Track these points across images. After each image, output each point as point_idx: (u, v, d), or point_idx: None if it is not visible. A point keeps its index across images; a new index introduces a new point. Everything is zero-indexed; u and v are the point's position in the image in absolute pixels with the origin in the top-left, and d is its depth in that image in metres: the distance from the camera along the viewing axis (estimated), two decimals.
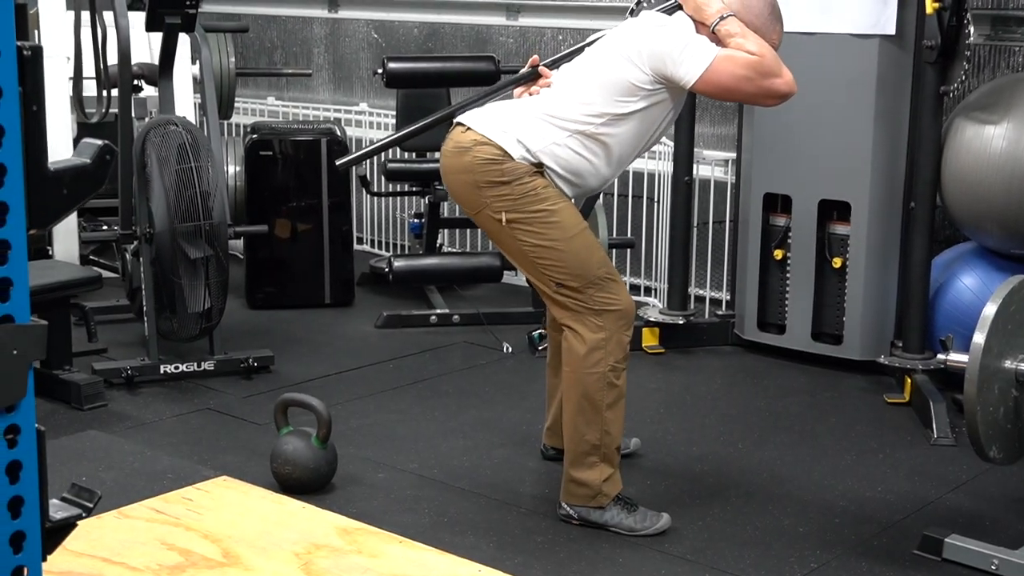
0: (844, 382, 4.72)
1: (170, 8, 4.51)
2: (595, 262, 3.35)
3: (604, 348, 3.32)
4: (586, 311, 3.33)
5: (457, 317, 5.43)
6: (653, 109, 3.33)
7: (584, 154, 3.33)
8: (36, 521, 1.75)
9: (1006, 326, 3.07)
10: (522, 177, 3.29)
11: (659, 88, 3.30)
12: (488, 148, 3.30)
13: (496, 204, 3.31)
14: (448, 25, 6.66)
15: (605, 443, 3.37)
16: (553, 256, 3.32)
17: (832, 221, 4.79)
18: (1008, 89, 4.50)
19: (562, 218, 3.32)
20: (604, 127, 3.31)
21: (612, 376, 3.34)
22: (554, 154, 3.31)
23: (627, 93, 3.29)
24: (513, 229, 3.32)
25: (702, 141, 5.54)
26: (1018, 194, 4.34)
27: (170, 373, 4.58)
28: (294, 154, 5.65)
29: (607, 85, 3.31)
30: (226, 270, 4.53)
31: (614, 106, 3.30)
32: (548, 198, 3.31)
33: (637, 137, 3.37)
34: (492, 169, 3.29)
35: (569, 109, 3.32)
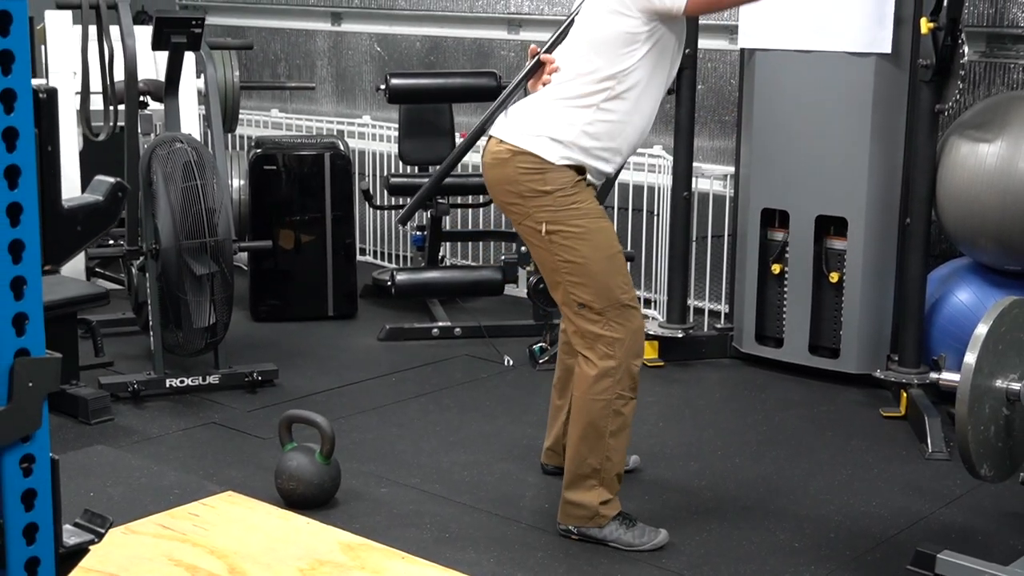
0: (841, 395, 4.77)
1: (176, 28, 4.58)
2: (620, 285, 3.39)
3: (613, 376, 3.38)
4: (600, 337, 3.37)
5: (459, 330, 5.49)
6: (658, 47, 3.34)
7: (615, 119, 3.37)
8: (50, 547, 1.82)
9: (997, 346, 3.12)
10: (564, 188, 3.35)
11: (655, 26, 3.31)
12: (527, 158, 3.36)
13: (538, 214, 3.38)
14: (450, 39, 6.73)
15: (606, 468, 3.42)
16: (582, 273, 3.37)
17: (829, 236, 4.85)
18: (1002, 107, 4.56)
19: (598, 238, 3.38)
20: (621, 85, 3.34)
21: (619, 404, 3.40)
22: (589, 134, 3.36)
23: (627, 43, 3.31)
24: (551, 241, 3.38)
25: (701, 155, 5.60)
26: (1012, 210, 4.40)
27: (176, 387, 4.64)
28: (298, 168, 5.71)
29: (606, 45, 3.33)
30: (231, 286, 4.59)
31: (621, 61, 3.32)
32: (588, 214, 3.37)
33: (656, 78, 3.39)
34: (535, 178, 3.36)
35: (582, 85, 3.36)
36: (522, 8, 6.41)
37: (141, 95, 5.04)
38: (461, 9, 6.65)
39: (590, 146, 3.37)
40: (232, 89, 6.08)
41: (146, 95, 5.17)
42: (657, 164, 5.54)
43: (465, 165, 6.30)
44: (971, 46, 4.75)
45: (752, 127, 4.96)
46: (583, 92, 3.36)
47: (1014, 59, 4.93)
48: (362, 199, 6.04)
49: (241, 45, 6.14)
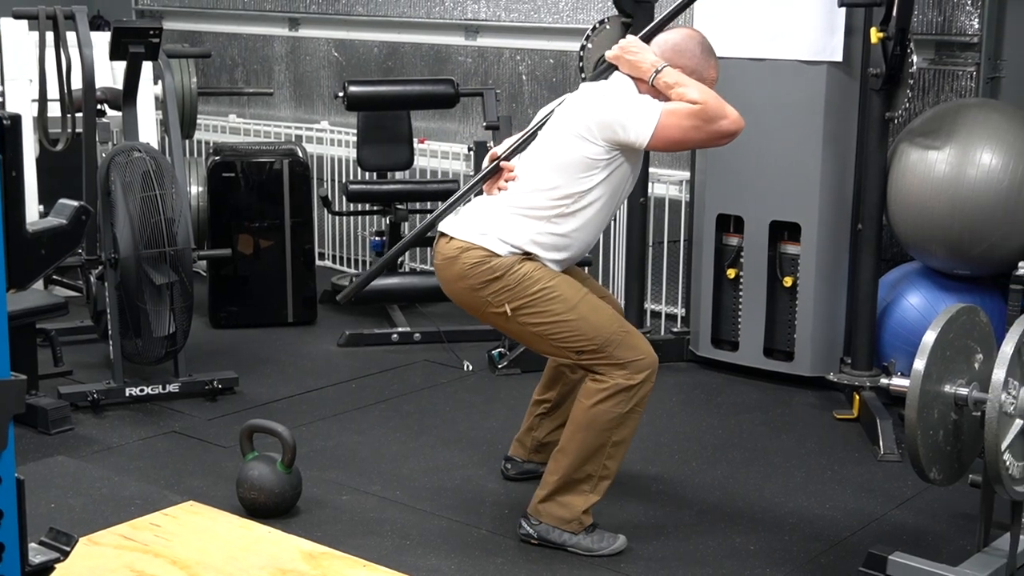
0: (795, 398, 4.85)
1: (134, 37, 4.58)
2: (605, 321, 3.44)
3: (629, 391, 3.41)
4: (613, 367, 3.41)
5: (418, 335, 5.52)
6: (616, 172, 3.43)
7: (565, 232, 3.45)
8: (16, 567, 1.84)
9: (945, 352, 3.19)
10: (512, 267, 3.40)
11: (615, 155, 3.40)
12: (474, 252, 3.42)
13: (496, 299, 3.43)
14: (408, 45, 6.76)
15: (602, 476, 3.48)
16: (564, 329, 3.42)
17: (783, 241, 4.92)
18: (951, 115, 4.65)
19: (562, 291, 3.43)
20: (575, 204, 3.42)
21: (627, 417, 3.43)
22: (537, 243, 3.44)
23: (588, 168, 3.39)
24: (519, 317, 3.43)
25: (657, 160, 5.65)
26: (961, 216, 4.49)
27: (135, 396, 4.64)
28: (257, 175, 5.72)
29: (567, 166, 3.40)
30: (191, 295, 4.61)
31: (579, 183, 3.40)
32: (542, 278, 3.42)
33: (610, 199, 3.47)
34: (483, 270, 3.41)
35: (538, 198, 3.43)
36: (479, 14, 6.45)
37: (99, 103, 5.04)
38: (419, 15, 6.68)
39: (537, 252, 3.45)
40: (190, 96, 6.08)
41: (103, 103, 5.17)
42: None
43: (423, 171, 6.35)
44: (920, 54, 4.84)
45: None
46: (537, 205, 3.43)
47: (962, 66, 5.03)
48: (321, 205, 6.06)
49: (199, 53, 6.14)
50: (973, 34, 4.97)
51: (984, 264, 4.58)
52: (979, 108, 4.71)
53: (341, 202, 6.24)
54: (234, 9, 7.47)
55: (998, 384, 3.10)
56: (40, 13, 4.74)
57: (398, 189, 5.89)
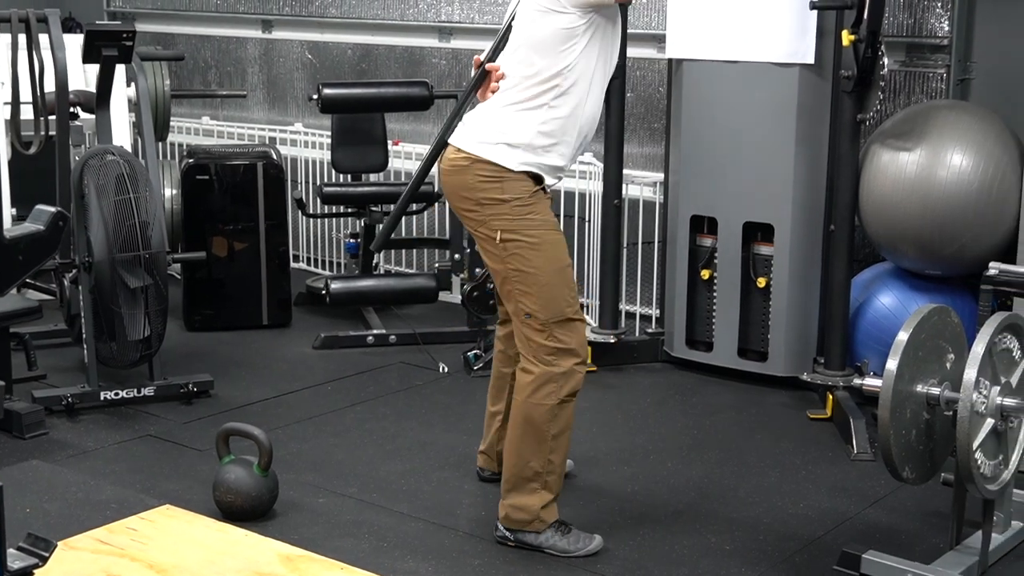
0: (769, 398, 4.88)
1: (107, 40, 4.57)
2: (566, 300, 3.47)
3: (557, 382, 3.45)
4: (543, 347, 3.44)
5: (394, 337, 5.53)
6: (596, 37, 3.41)
7: (566, 113, 3.43)
8: None
9: (917, 353, 3.23)
10: (522, 197, 3.43)
11: (591, 18, 3.37)
12: (486, 166, 3.44)
13: (494, 222, 3.45)
14: (381, 47, 6.76)
15: (548, 471, 3.49)
16: (531, 283, 3.44)
17: (756, 242, 4.95)
18: (922, 116, 4.69)
19: (550, 251, 3.46)
20: (566, 81, 3.40)
21: (560, 408, 3.47)
22: (544, 133, 3.43)
23: (566, 39, 3.38)
24: (505, 249, 3.46)
25: (631, 162, 5.68)
26: (931, 216, 4.53)
27: (110, 400, 4.63)
28: (231, 178, 5.70)
29: (545, 44, 3.40)
30: (166, 298, 4.60)
31: (562, 58, 3.38)
32: (543, 225, 3.46)
33: (600, 67, 3.46)
34: (493, 187, 3.44)
35: (529, 88, 3.43)
36: (453, 16, 6.46)
37: (72, 106, 5.03)
38: (392, 17, 6.67)
39: (546, 143, 3.44)
40: (163, 98, 6.07)
41: (76, 106, 5.16)
42: (588, 171, 5.62)
43: (397, 173, 6.35)
44: (891, 56, 4.87)
45: (680, 135, 5.05)
46: (531, 95, 3.43)
47: (933, 68, 5.07)
48: (295, 207, 6.05)
49: (172, 56, 6.12)
50: (943, 36, 5.01)
51: (955, 264, 4.63)
52: (950, 109, 4.75)
53: (315, 204, 6.23)
54: (207, 11, 7.45)
55: (969, 384, 3.14)
56: (12, 16, 4.73)
57: (373, 191, 5.89)
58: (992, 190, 4.50)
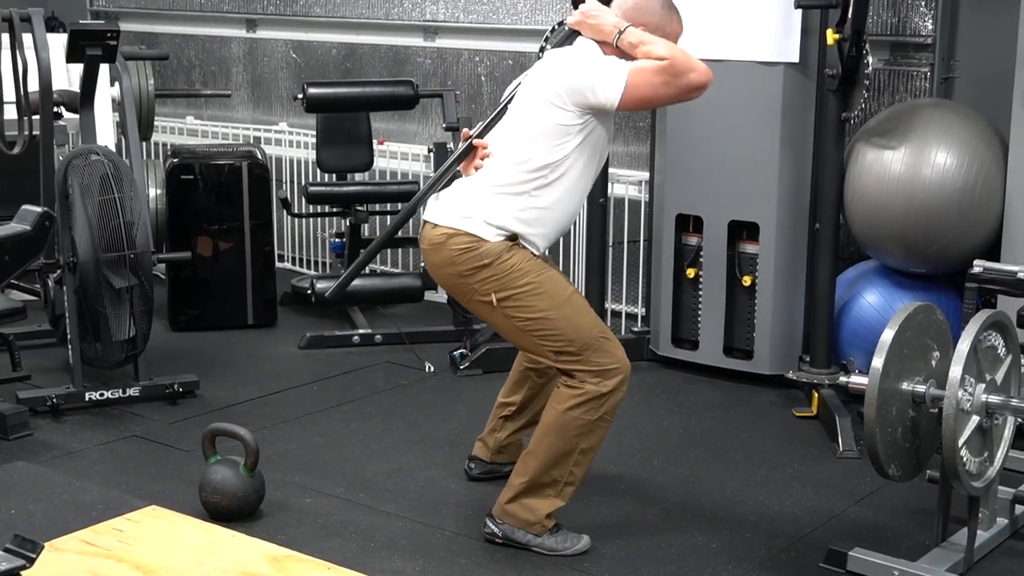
0: (755, 396, 4.89)
1: (91, 40, 4.55)
2: (588, 324, 3.44)
3: (600, 401, 3.42)
4: (587, 372, 3.42)
5: (379, 337, 5.52)
6: (590, 138, 3.42)
7: (548, 204, 3.44)
8: None
9: (903, 350, 3.24)
10: (501, 255, 3.40)
11: (588, 119, 3.39)
12: (461, 238, 3.42)
13: (483, 288, 3.42)
14: (366, 46, 6.75)
15: (568, 482, 3.49)
16: (547, 326, 3.42)
17: (742, 241, 4.96)
18: (906, 115, 4.71)
19: (548, 288, 3.43)
20: (553, 174, 3.41)
21: (597, 425, 3.45)
22: (521, 219, 3.43)
23: (561, 135, 3.38)
24: (504, 308, 3.43)
25: (616, 161, 5.68)
26: (916, 215, 4.54)
27: (95, 400, 4.62)
28: (216, 177, 5.69)
29: (540, 136, 3.39)
30: (151, 298, 4.58)
31: (554, 152, 3.39)
32: (531, 271, 3.42)
33: (587, 166, 3.46)
34: (471, 256, 3.41)
35: (515, 173, 3.42)
36: (438, 16, 6.46)
37: (55, 106, 5.01)
38: (377, 16, 6.67)
39: (522, 231, 3.44)
40: (147, 98, 6.05)
41: (60, 106, 5.14)
42: None
43: (383, 172, 6.34)
44: (875, 55, 4.87)
45: (666, 134, 5.05)
46: (516, 180, 3.42)
47: (917, 67, 5.08)
48: (280, 207, 6.04)
49: (156, 56, 6.10)
50: (927, 35, 5.03)
51: (940, 263, 4.64)
52: (934, 108, 4.77)
53: (301, 204, 6.23)
54: (191, 10, 7.43)
55: (955, 381, 3.15)
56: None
57: (358, 191, 5.88)
58: (976, 188, 4.52)
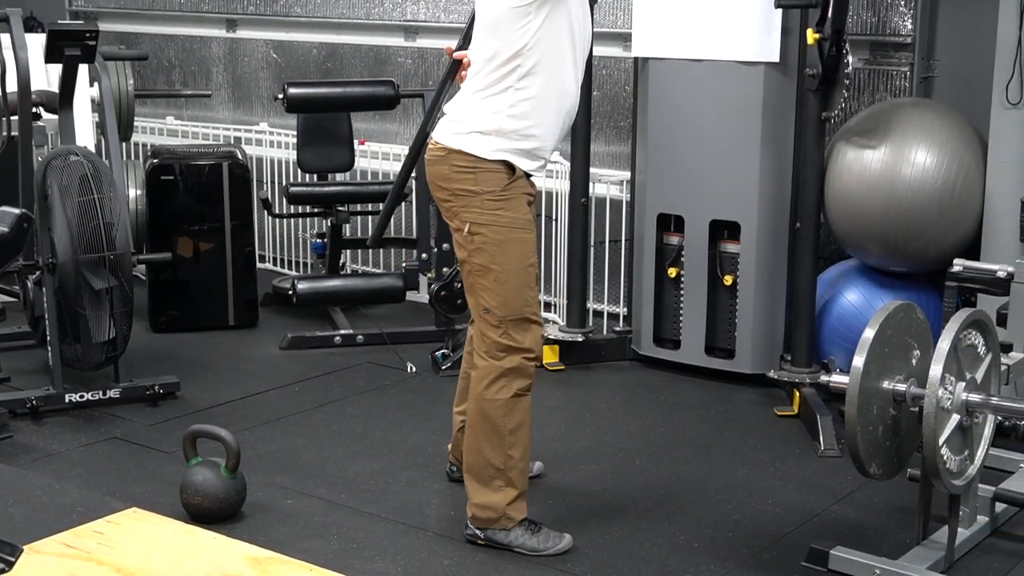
0: (737, 395, 4.90)
1: (70, 40, 4.53)
2: (525, 300, 3.48)
3: (507, 376, 3.46)
4: (496, 344, 3.46)
5: (361, 337, 5.51)
6: (553, 15, 3.36)
7: (534, 94, 3.40)
8: None
9: (883, 349, 3.25)
10: (494, 191, 3.42)
11: None
12: (461, 156, 3.44)
13: (464, 214, 3.46)
14: (347, 46, 6.74)
15: (509, 467, 3.49)
16: (491, 280, 3.46)
17: (723, 240, 4.97)
18: (885, 115, 4.73)
19: (515, 248, 3.45)
20: (528, 60, 3.38)
21: (515, 402, 3.48)
22: (513, 116, 3.40)
23: (520, 18, 3.35)
24: (471, 242, 3.47)
25: (597, 160, 5.68)
26: (896, 214, 4.56)
27: (75, 402, 4.59)
28: (196, 178, 5.67)
29: (499, 26, 3.39)
30: (131, 299, 4.56)
31: (519, 37, 3.36)
32: (512, 223, 3.44)
33: (564, 45, 3.41)
34: (467, 177, 3.44)
35: (491, 73, 3.42)
36: (418, 15, 6.45)
37: (34, 107, 4.99)
38: (358, 16, 6.65)
39: (518, 127, 3.42)
40: (127, 98, 6.01)
41: (39, 107, 5.11)
42: (555, 170, 5.62)
43: (364, 172, 6.33)
44: (855, 54, 4.91)
45: (647, 134, 5.06)
46: (495, 78, 3.42)
47: (896, 66, 5.10)
48: (261, 207, 6.02)
49: (136, 56, 6.08)
50: (907, 35, 5.05)
51: (920, 261, 4.66)
52: (913, 107, 4.79)
53: (282, 204, 6.21)
54: (171, 10, 7.40)
55: (935, 380, 3.16)
56: None
57: (339, 191, 5.87)
58: (956, 187, 4.54)
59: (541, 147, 3.49)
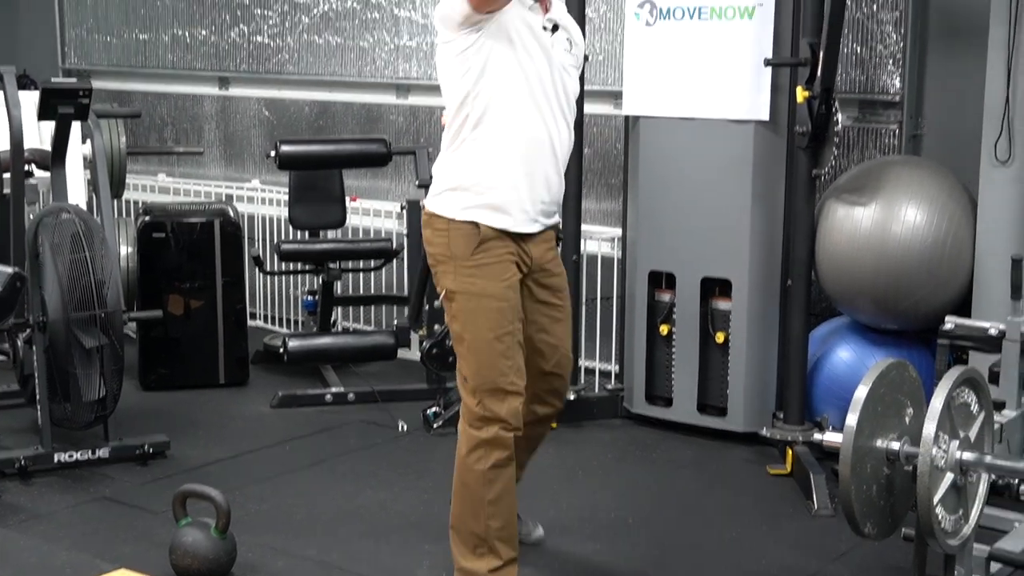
0: (729, 454, 4.88)
1: (63, 98, 4.54)
2: (500, 370, 3.39)
3: (483, 448, 3.41)
4: (472, 413, 3.42)
5: (352, 395, 5.49)
6: (496, 56, 3.32)
7: (490, 141, 3.36)
8: None
9: (876, 408, 3.24)
10: (466, 256, 3.38)
11: (473, 36, 3.30)
12: (437, 220, 3.45)
13: (443, 279, 3.46)
14: (339, 104, 6.77)
15: (491, 536, 3.44)
16: (465, 348, 3.43)
17: (714, 297, 4.97)
18: (876, 172, 4.75)
19: (489, 317, 3.39)
20: (475, 109, 3.35)
21: (494, 474, 3.42)
22: (473, 169, 3.38)
23: (461, 65, 3.34)
24: (448, 307, 3.47)
25: (589, 217, 5.70)
26: (886, 271, 4.57)
27: (64, 462, 4.56)
28: (187, 235, 5.67)
29: (447, 78, 3.40)
30: (121, 358, 4.54)
31: (462, 86, 3.35)
32: (485, 290, 3.39)
33: (518, 83, 3.35)
34: (442, 240, 3.44)
35: (449, 128, 3.43)
36: (410, 73, 6.49)
37: (27, 164, 4.99)
38: (350, 74, 6.70)
39: (478, 180, 3.38)
40: (119, 155, 6.03)
41: (32, 164, 5.12)
42: None
43: (355, 229, 6.34)
44: (844, 112, 4.94)
45: (638, 191, 5.08)
46: (452, 134, 3.43)
47: (885, 124, 5.14)
48: (252, 265, 6.02)
49: (129, 113, 6.10)
50: (895, 93, 5.09)
51: (911, 319, 4.67)
52: (903, 165, 4.82)
53: (273, 261, 6.21)
54: (164, 68, 7.44)
55: (929, 438, 3.14)
56: None
57: (330, 248, 5.88)
58: (946, 244, 4.55)
59: (511, 200, 3.40)
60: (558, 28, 3.46)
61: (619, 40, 5.55)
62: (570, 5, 4.92)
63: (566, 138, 3.49)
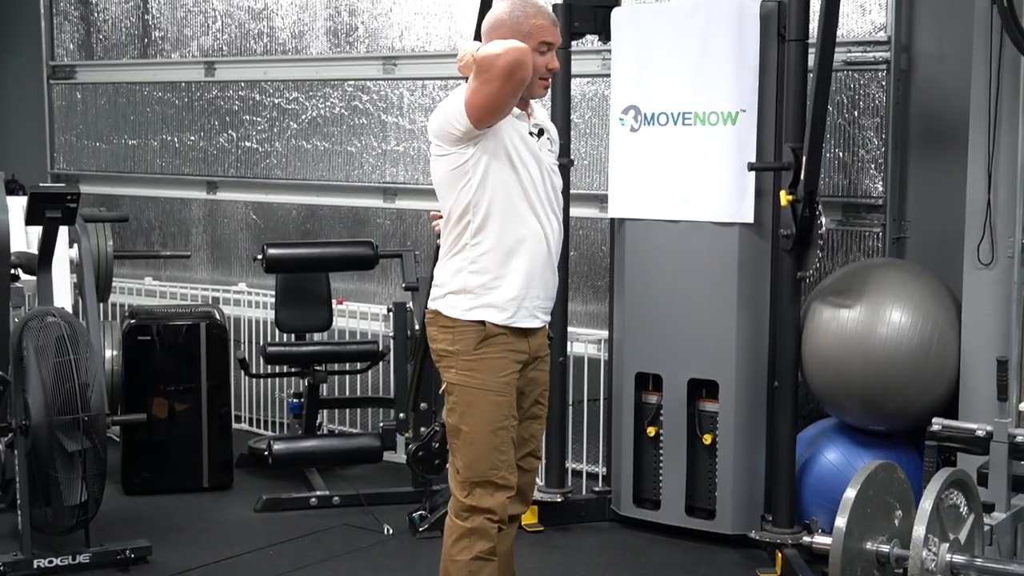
0: (718, 557, 4.83)
1: (51, 203, 4.56)
2: (492, 464, 3.44)
3: (468, 538, 3.43)
4: (460, 504, 3.45)
5: (337, 499, 5.44)
6: (493, 168, 3.40)
7: (490, 245, 3.43)
8: None
9: (865, 510, 3.22)
10: (467, 351, 3.43)
11: (471, 151, 3.37)
12: (441, 319, 3.50)
13: (445, 374, 3.50)
14: (326, 207, 6.81)
15: None
16: (460, 440, 3.46)
17: (701, 399, 4.96)
18: (860, 275, 4.78)
19: (485, 411, 3.43)
20: (476, 216, 3.42)
21: (477, 567, 3.43)
22: (475, 272, 3.44)
23: (460, 177, 3.41)
24: (448, 400, 3.50)
25: (575, 319, 5.71)
26: (873, 373, 4.57)
27: (44, 568, 4.49)
28: (173, 338, 5.66)
29: (445, 186, 3.46)
30: (104, 462, 4.50)
31: (463, 195, 3.42)
32: (484, 384, 3.43)
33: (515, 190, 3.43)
34: (445, 337, 3.48)
35: (450, 232, 3.49)
36: (397, 177, 6.54)
37: (12, 268, 4.99)
38: (337, 178, 6.75)
39: (481, 282, 3.44)
40: (106, 259, 6.04)
41: (18, 268, 5.12)
42: None
43: (341, 332, 6.33)
44: (828, 215, 4.99)
45: (624, 293, 5.09)
46: (452, 238, 3.48)
47: (869, 227, 5.18)
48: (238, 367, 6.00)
49: (116, 218, 6.13)
50: (878, 196, 5.15)
51: (898, 420, 4.66)
52: (887, 267, 4.85)
53: (259, 364, 6.19)
54: (151, 173, 7.49)
55: (919, 541, 3.13)
56: None
57: (317, 351, 5.87)
58: (931, 346, 4.57)
59: (515, 296, 3.46)
60: (543, 132, 3.55)
61: (604, 144, 5.61)
62: (556, 112, 5.03)
63: (558, 231, 3.59)
